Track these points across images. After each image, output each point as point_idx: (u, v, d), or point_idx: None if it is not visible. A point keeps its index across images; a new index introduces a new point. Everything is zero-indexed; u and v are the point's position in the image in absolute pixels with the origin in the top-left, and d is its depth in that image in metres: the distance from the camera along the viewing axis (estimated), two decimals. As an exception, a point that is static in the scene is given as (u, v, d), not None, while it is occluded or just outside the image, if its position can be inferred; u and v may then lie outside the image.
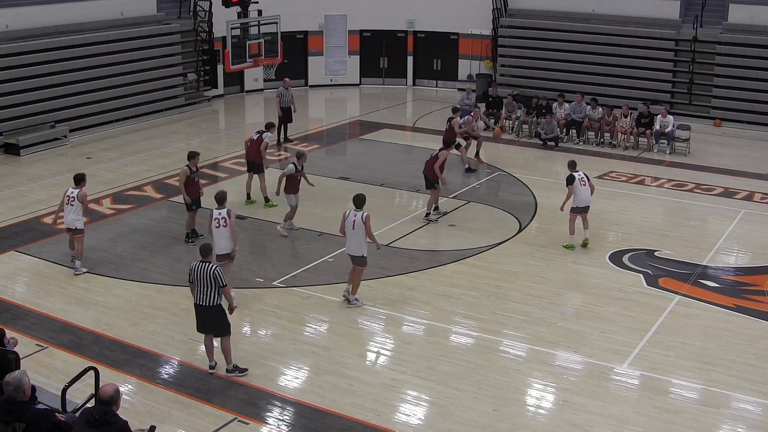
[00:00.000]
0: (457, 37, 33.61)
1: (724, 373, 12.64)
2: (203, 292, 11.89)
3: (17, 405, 7.88)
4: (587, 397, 11.93)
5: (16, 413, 7.85)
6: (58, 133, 24.91)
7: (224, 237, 14.40)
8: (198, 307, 12.09)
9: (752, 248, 17.67)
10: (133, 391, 11.93)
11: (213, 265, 11.90)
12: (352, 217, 14.20)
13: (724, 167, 23.44)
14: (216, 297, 11.92)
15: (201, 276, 11.83)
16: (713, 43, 28.41)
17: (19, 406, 7.88)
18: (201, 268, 11.85)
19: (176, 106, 29.14)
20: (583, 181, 17.06)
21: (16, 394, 7.85)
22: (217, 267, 11.90)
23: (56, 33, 26.18)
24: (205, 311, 12.05)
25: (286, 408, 11.69)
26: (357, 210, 14.26)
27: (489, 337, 13.71)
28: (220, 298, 11.99)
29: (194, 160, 17.30)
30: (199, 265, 11.89)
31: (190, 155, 17.37)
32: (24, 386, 7.90)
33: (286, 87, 25.33)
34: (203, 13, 30.28)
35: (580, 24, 30.49)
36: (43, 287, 15.40)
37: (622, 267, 16.47)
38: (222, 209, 14.44)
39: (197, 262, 11.94)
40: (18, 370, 8.29)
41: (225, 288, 11.93)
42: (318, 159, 24.20)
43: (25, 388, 7.93)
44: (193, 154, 17.36)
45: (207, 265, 11.87)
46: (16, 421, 7.83)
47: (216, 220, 14.37)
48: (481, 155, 23.73)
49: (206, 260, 11.95)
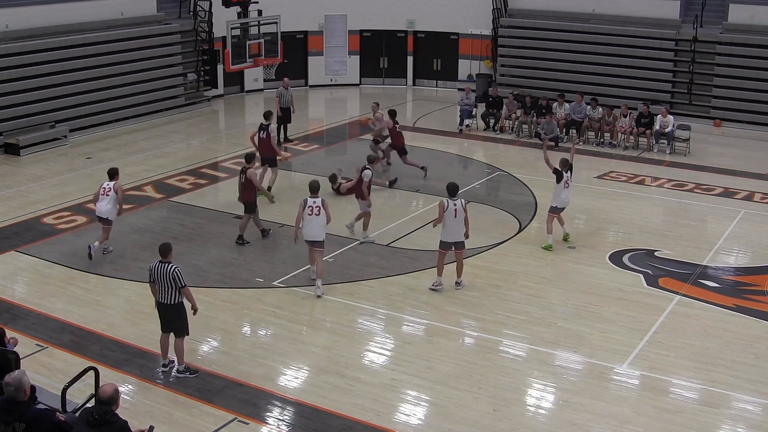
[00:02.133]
0: (457, 37, 33.61)
1: (724, 373, 12.64)
2: (165, 292, 11.97)
3: (17, 405, 7.89)
4: (587, 397, 11.93)
5: (16, 413, 7.86)
6: (58, 133, 24.91)
7: (319, 225, 14.95)
8: (159, 305, 12.17)
9: (752, 248, 17.67)
10: (134, 391, 11.93)
11: (172, 265, 11.92)
12: (311, 203, 14.93)
13: (724, 167, 23.44)
14: (177, 296, 11.99)
15: (161, 276, 11.89)
16: (713, 43, 28.40)
17: (19, 407, 7.89)
18: (161, 268, 11.89)
19: (176, 106, 29.14)
20: (567, 183, 17.11)
21: (16, 395, 7.85)
22: (176, 268, 11.91)
23: (56, 33, 26.17)
24: (166, 309, 12.12)
25: (286, 408, 11.69)
26: (314, 197, 15.03)
27: (489, 337, 13.71)
28: (181, 297, 12.04)
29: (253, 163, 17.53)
30: (158, 266, 11.92)
31: (248, 157, 17.58)
32: (24, 386, 7.91)
33: (286, 87, 25.31)
34: (203, 13, 30.28)
35: (580, 24, 30.48)
36: (43, 287, 15.41)
37: (622, 267, 16.46)
38: (316, 198, 14.98)
39: (156, 262, 11.97)
40: (17, 370, 8.30)
41: (184, 288, 12.00)
42: (318, 159, 24.21)
43: (25, 388, 7.94)
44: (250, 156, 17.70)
45: (167, 265, 11.90)
46: (16, 421, 7.83)
47: (310, 208, 14.89)
48: (476, 156, 23.70)
49: (165, 260, 11.97)
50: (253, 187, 17.28)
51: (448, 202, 14.96)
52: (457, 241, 15.16)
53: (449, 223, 14.98)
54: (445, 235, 15.13)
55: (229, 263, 16.84)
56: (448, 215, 14.92)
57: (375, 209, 18.15)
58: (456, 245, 15.20)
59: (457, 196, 15.16)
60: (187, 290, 12.05)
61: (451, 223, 14.97)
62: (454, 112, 28.35)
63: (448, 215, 14.91)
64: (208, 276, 16.12)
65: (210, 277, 16.04)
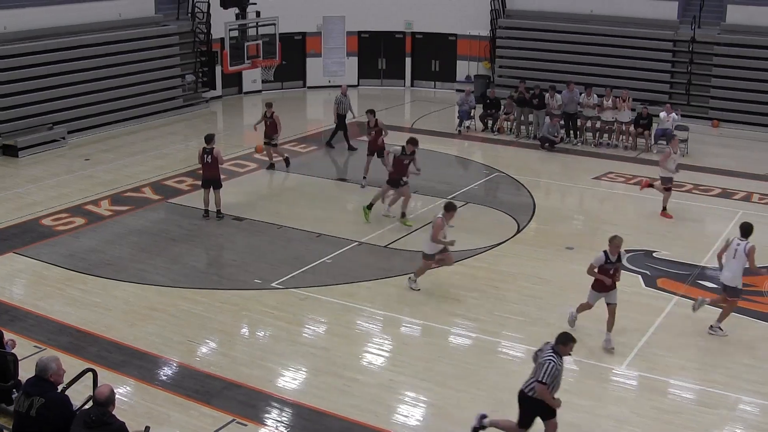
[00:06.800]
0: (455, 38, 33.59)
1: (723, 373, 12.64)
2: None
3: (44, 383, 8.60)
4: (586, 398, 11.93)
5: (40, 390, 8.52)
6: (57, 135, 24.88)
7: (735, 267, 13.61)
8: None
9: (750, 249, 17.63)
10: (132, 393, 11.92)
11: None
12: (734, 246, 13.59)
13: (722, 168, 23.46)
14: None
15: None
16: (711, 44, 28.42)
17: (45, 385, 8.58)
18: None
19: (174, 107, 29.12)
20: None
21: (42, 374, 8.63)
22: None
23: (54, 35, 26.12)
24: None
25: (285, 409, 11.68)
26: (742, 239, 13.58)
27: (487, 338, 13.71)
28: None
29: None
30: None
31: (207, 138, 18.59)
32: (50, 370, 8.62)
33: (344, 93, 24.86)
34: (201, 14, 30.26)
35: (579, 25, 30.48)
36: (41, 289, 15.39)
37: (620, 268, 16.45)
38: (744, 241, 13.52)
39: None
40: (49, 356, 9.02)
41: None
42: (316, 160, 24.21)
43: (51, 373, 8.62)
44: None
45: None
46: (37, 396, 8.46)
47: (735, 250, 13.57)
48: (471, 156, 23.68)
49: None
50: (218, 165, 18.67)
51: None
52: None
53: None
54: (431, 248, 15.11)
55: (227, 265, 16.83)
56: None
57: (375, 210, 18.24)
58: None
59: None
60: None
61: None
62: (453, 114, 28.33)
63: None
64: (207, 277, 16.12)
65: (208, 279, 16.04)
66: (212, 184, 18.79)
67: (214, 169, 18.76)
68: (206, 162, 18.66)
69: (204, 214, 18.83)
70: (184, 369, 12.68)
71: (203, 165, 18.79)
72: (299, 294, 15.23)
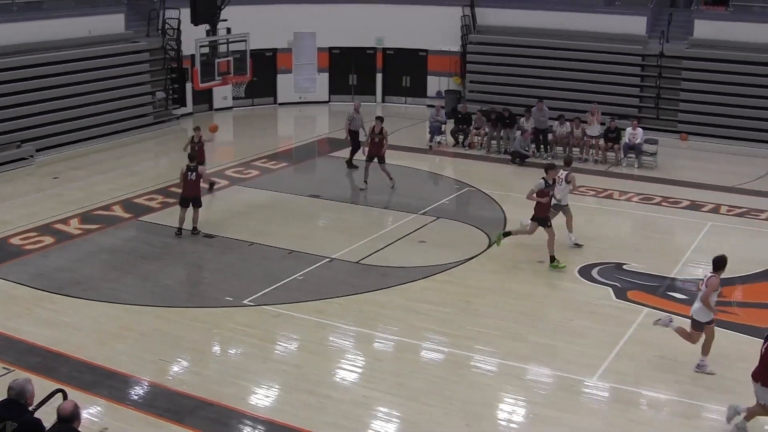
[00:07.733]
0: (426, 53, 33.76)
1: (694, 384, 12.72)
2: None
3: (16, 407, 8.33)
4: (558, 411, 11.95)
5: (12, 413, 8.27)
6: (25, 153, 24.63)
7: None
8: None
9: (719, 260, 17.79)
10: (103, 413, 11.78)
11: None
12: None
13: (691, 180, 23.69)
14: None
15: None
16: (679, 58, 28.76)
17: (18, 409, 8.31)
18: None
19: (145, 124, 28.94)
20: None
21: (18, 398, 8.37)
22: None
23: (22, 51, 25.87)
24: None
25: (257, 427, 11.60)
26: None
27: (460, 353, 13.70)
28: None
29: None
30: None
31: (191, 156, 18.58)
32: (26, 393, 8.39)
33: (357, 110, 24.77)
34: (172, 30, 30.14)
35: (549, 40, 30.71)
36: (9, 309, 15.18)
37: (591, 281, 16.56)
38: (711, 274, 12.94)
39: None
40: (23, 378, 8.78)
41: None
42: (287, 177, 24.17)
43: (27, 395, 8.39)
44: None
45: None
46: (9, 420, 8.21)
47: None
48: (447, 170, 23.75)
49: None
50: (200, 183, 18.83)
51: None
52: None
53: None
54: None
55: (199, 282, 16.74)
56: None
57: (346, 225, 18.20)
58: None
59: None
60: None
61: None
62: (424, 129, 28.42)
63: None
64: (178, 295, 16.02)
65: (179, 297, 15.94)
66: (193, 201, 18.73)
67: (197, 187, 18.76)
68: (189, 179, 18.60)
69: (177, 232, 18.69)
70: (155, 388, 12.56)
71: (185, 182, 18.68)
72: (271, 311, 15.16)
